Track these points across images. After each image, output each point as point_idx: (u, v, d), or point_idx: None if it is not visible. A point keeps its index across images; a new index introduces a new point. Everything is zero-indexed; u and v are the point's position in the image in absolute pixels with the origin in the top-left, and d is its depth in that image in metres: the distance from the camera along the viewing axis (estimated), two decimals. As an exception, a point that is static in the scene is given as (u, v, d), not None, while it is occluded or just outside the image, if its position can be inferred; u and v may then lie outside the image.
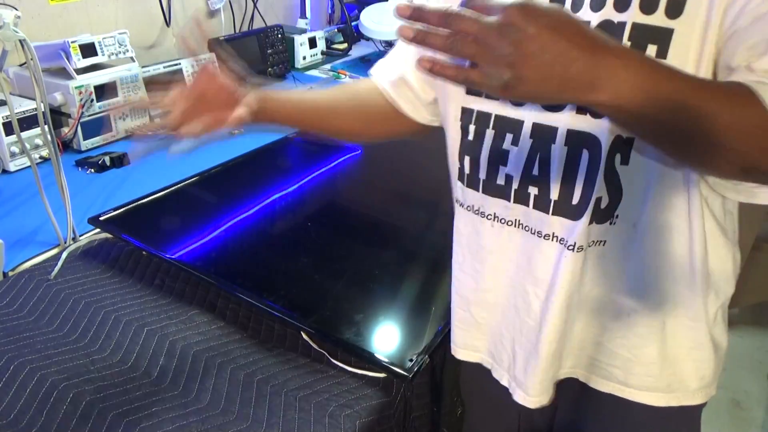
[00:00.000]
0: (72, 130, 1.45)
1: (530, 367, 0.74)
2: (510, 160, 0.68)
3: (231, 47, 1.95)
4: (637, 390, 0.72)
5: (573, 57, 0.45)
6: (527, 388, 0.75)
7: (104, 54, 1.50)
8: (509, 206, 0.70)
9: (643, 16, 0.57)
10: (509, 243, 0.72)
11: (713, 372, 0.73)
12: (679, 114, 0.48)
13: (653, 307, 0.69)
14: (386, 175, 1.52)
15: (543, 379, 0.73)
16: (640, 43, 0.57)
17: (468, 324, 0.81)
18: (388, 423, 0.84)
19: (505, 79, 0.46)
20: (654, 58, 0.56)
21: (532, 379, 0.74)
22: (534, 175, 0.67)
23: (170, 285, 1.02)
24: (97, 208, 1.23)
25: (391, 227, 1.29)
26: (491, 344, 0.80)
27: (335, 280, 1.05)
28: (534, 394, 0.75)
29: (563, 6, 0.62)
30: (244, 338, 0.92)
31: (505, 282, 0.75)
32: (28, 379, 0.80)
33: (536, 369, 0.73)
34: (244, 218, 1.21)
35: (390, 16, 2.34)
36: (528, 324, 0.73)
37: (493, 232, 0.73)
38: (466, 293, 0.80)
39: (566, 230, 0.66)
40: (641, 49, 0.57)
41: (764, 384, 1.98)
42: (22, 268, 1.05)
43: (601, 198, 0.63)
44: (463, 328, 0.82)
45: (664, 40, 0.56)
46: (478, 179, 0.72)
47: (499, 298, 0.76)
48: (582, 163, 0.63)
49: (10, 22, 0.95)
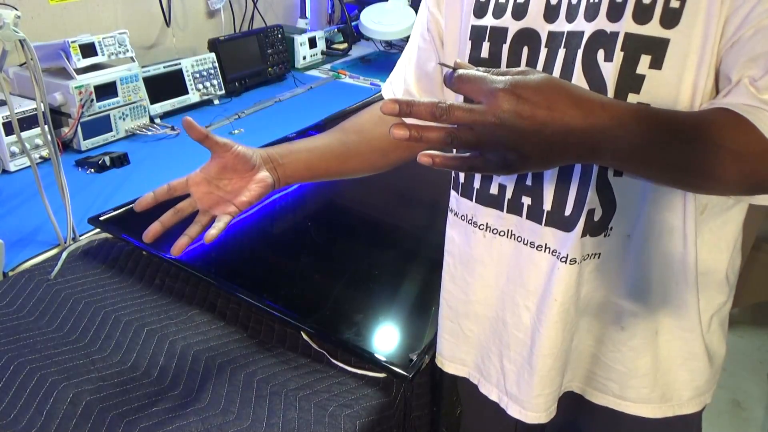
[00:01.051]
0: (72, 130, 1.45)
1: (524, 382, 0.73)
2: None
3: (231, 47, 1.96)
4: (633, 403, 0.72)
5: (569, 128, 0.46)
6: (523, 402, 0.73)
7: (104, 54, 1.51)
8: (502, 216, 0.70)
9: (637, 26, 0.56)
10: (501, 254, 0.72)
11: (708, 380, 0.73)
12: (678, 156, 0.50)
13: (647, 318, 0.68)
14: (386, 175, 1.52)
15: (541, 394, 0.72)
16: (633, 53, 0.57)
17: (456, 336, 0.81)
18: (388, 423, 0.84)
19: (508, 161, 0.47)
20: (647, 104, 0.56)
21: (527, 394, 0.73)
22: (527, 185, 0.67)
23: (170, 285, 1.02)
24: (97, 208, 1.23)
25: (391, 227, 1.29)
26: (478, 358, 0.79)
27: (335, 280, 1.05)
28: (532, 408, 0.73)
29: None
30: (244, 338, 0.92)
31: (495, 294, 0.74)
32: (28, 379, 0.80)
33: (531, 383, 0.72)
34: (244, 218, 1.21)
35: (390, 16, 2.34)
36: (517, 337, 0.72)
37: (485, 243, 0.73)
38: (455, 304, 0.79)
39: (559, 242, 0.66)
40: (634, 59, 0.56)
41: (764, 384, 1.98)
42: (22, 268, 1.05)
43: (594, 210, 0.63)
44: (450, 340, 0.82)
45: (659, 50, 0.56)
46: (472, 188, 0.72)
47: (488, 311, 0.76)
48: (575, 174, 0.63)
49: (10, 22, 0.95)
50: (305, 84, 2.11)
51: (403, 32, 2.32)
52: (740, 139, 0.50)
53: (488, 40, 0.67)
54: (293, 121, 1.74)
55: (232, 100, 1.93)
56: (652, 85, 0.56)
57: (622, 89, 0.57)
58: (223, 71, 1.92)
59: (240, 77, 1.99)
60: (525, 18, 0.64)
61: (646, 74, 0.56)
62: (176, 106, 1.77)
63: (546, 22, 0.62)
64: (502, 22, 0.65)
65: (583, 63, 0.59)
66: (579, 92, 0.49)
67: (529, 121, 0.45)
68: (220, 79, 1.90)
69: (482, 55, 0.68)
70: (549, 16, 0.62)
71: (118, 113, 1.55)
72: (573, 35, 0.60)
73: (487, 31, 0.67)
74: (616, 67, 0.57)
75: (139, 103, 1.60)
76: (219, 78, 1.90)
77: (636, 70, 0.57)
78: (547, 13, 0.62)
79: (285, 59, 2.16)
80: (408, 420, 0.90)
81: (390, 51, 2.61)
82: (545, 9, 0.62)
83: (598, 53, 0.58)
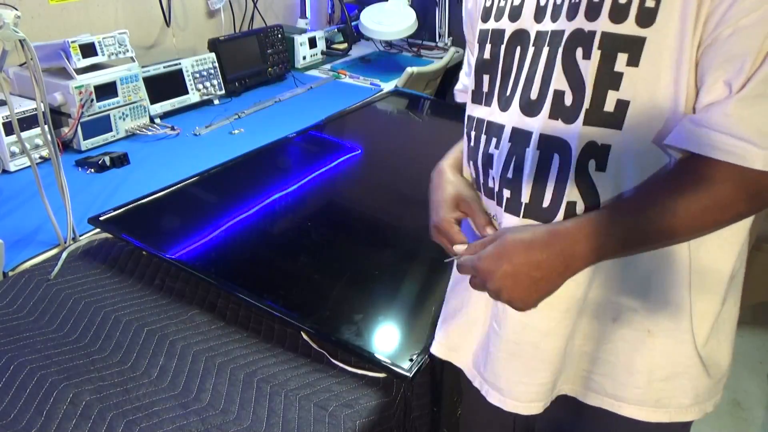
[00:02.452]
0: (72, 130, 1.45)
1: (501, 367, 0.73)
2: (494, 163, 0.70)
3: (231, 47, 1.97)
4: (627, 404, 0.71)
5: (538, 263, 0.61)
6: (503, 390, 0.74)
7: (104, 54, 1.51)
8: (497, 209, 0.71)
9: (613, 25, 0.57)
10: None
11: (708, 389, 0.71)
12: (646, 239, 0.60)
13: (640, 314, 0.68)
14: (386, 175, 1.52)
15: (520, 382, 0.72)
16: (610, 51, 0.58)
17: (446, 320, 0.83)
18: (388, 423, 0.84)
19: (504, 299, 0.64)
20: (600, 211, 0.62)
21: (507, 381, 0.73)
22: (508, 178, 0.68)
23: (170, 285, 1.02)
24: (97, 208, 1.23)
25: (391, 227, 1.29)
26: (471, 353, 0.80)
27: (335, 280, 1.05)
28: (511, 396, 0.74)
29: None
30: (244, 338, 0.92)
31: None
32: (28, 379, 0.80)
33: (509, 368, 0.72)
34: (244, 218, 1.21)
35: (390, 16, 2.34)
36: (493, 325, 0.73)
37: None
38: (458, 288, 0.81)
39: None
40: (611, 57, 0.58)
41: (764, 384, 1.98)
42: (22, 268, 1.05)
43: (575, 203, 0.64)
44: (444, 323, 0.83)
45: (636, 48, 0.57)
46: (479, 183, 0.74)
47: (480, 303, 0.77)
48: (553, 167, 0.64)
49: (10, 22, 0.95)
50: (305, 84, 2.11)
51: (403, 32, 2.32)
52: (702, 194, 0.57)
53: (489, 42, 0.70)
54: (293, 121, 1.74)
55: (232, 100, 1.93)
56: (630, 82, 0.58)
57: (601, 86, 0.59)
58: (223, 71, 1.92)
59: (240, 77, 1.99)
60: (519, 19, 0.66)
61: (624, 72, 0.58)
62: (176, 106, 1.77)
63: (535, 22, 0.65)
64: (500, 24, 0.68)
65: (563, 61, 0.61)
66: (528, 236, 0.62)
67: (503, 277, 0.62)
68: (220, 79, 1.90)
69: (485, 56, 0.71)
70: (538, 16, 0.64)
71: (118, 113, 1.55)
72: (555, 34, 0.62)
73: (489, 34, 0.70)
74: (594, 65, 0.59)
75: (139, 103, 1.60)
76: (219, 78, 1.90)
77: (614, 67, 0.58)
78: (536, 14, 0.65)
79: (285, 59, 2.16)
80: (408, 420, 0.90)
81: (390, 51, 2.61)
82: (535, 9, 0.65)
83: (576, 51, 0.60)
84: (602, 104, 0.59)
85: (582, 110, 0.60)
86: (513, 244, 0.63)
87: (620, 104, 0.59)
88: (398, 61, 2.46)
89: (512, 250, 0.62)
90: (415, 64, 2.22)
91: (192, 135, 1.64)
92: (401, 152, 1.62)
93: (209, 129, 1.68)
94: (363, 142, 1.71)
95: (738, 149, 0.54)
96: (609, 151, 0.61)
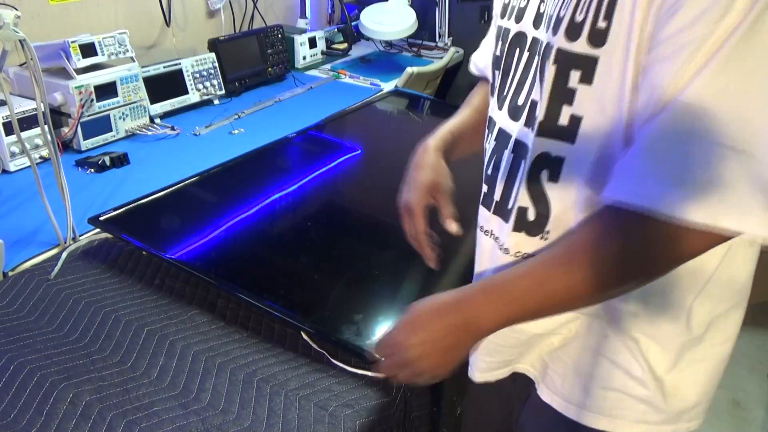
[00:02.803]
0: (72, 130, 1.45)
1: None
2: (485, 156, 0.75)
3: (231, 47, 1.97)
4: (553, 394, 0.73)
5: (451, 327, 0.62)
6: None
7: (104, 54, 1.51)
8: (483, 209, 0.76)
9: (567, 42, 0.58)
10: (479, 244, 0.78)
11: (661, 420, 0.69)
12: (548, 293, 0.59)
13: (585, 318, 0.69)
14: (386, 175, 1.52)
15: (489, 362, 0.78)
16: (564, 67, 0.59)
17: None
18: (388, 423, 0.84)
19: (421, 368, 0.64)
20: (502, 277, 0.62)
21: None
22: (487, 174, 0.73)
23: (170, 285, 1.02)
24: (97, 208, 1.23)
25: (391, 227, 1.28)
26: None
27: (335, 280, 1.05)
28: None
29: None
30: (244, 338, 0.92)
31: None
32: (28, 379, 0.80)
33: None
34: (244, 218, 1.21)
35: (390, 16, 2.34)
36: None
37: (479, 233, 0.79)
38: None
39: (500, 230, 0.71)
40: (565, 73, 0.59)
41: (764, 384, 1.98)
42: (22, 268, 1.05)
43: (527, 209, 0.65)
44: None
45: (588, 66, 0.57)
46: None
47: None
48: (520, 172, 0.66)
49: (10, 22, 0.95)
50: (305, 84, 2.11)
51: (403, 32, 2.32)
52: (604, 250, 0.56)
53: (500, 40, 0.72)
54: (293, 121, 1.74)
55: (232, 100, 1.93)
56: (583, 98, 0.59)
57: (556, 100, 0.60)
58: (223, 71, 1.92)
59: (240, 77, 1.99)
60: (521, 22, 0.68)
61: (577, 88, 0.59)
62: (176, 106, 1.77)
63: (533, 28, 0.66)
64: (509, 23, 0.70)
65: (539, 71, 0.63)
66: (437, 304, 0.64)
67: (419, 347, 0.62)
68: (220, 79, 1.90)
69: (496, 52, 0.74)
70: (536, 22, 0.65)
71: (118, 113, 1.55)
72: (536, 42, 0.64)
73: (501, 31, 0.72)
74: (549, 79, 0.60)
75: (139, 103, 1.60)
76: (219, 78, 1.90)
77: (568, 83, 0.59)
78: (535, 19, 0.66)
79: (285, 59, 2.16)
80: (408, 420, 0.90)
81: (390, 51, 2.61)
82: (535, 15, 0.65)
83: (546, 63, 0.61)
84: (557, 117, 0.61)
85: (536, 122, 0.62)
86: (424, 312, 0.64)
87: (573, 119, 0.60)
88: (398, 61, 2.46)
89: (426, 318, 0.63)
90: (415, 64, 2.22)
91: (192, 135, 1.64)
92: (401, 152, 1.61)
93: (209, 129, 1.69)
94: (363, 142, 1.71)
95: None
96: (563, 163, 0.62)
